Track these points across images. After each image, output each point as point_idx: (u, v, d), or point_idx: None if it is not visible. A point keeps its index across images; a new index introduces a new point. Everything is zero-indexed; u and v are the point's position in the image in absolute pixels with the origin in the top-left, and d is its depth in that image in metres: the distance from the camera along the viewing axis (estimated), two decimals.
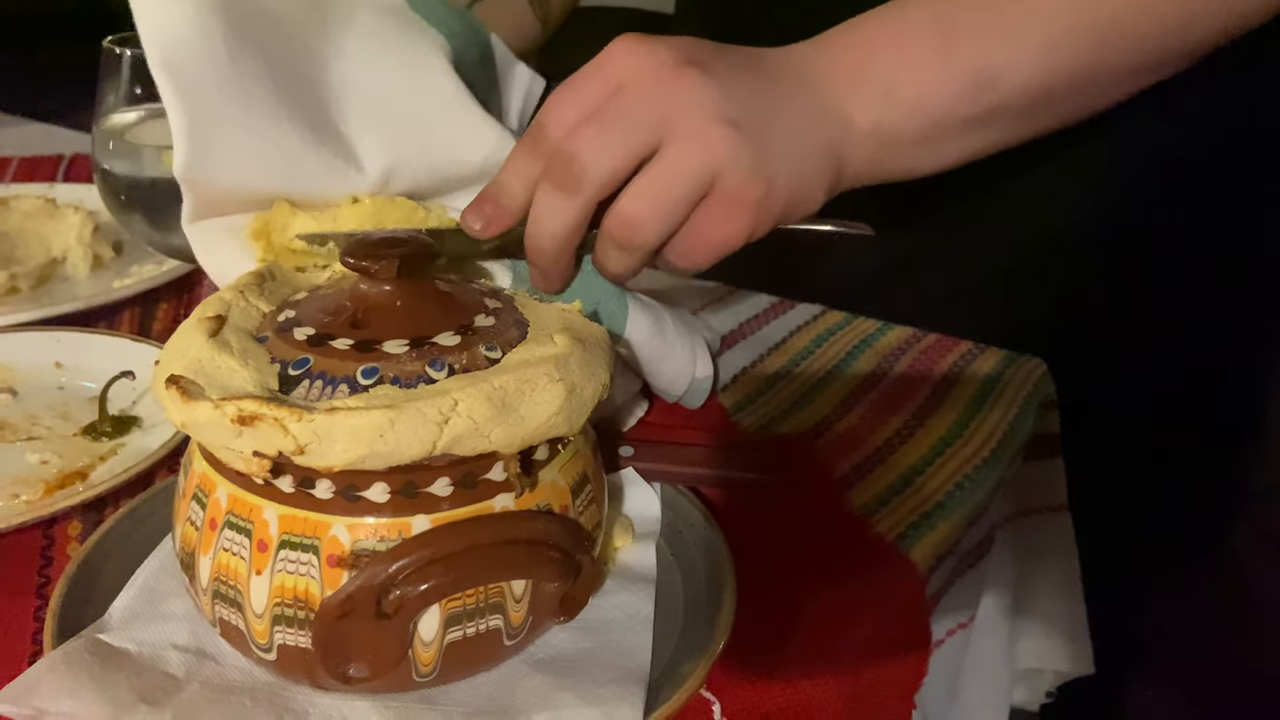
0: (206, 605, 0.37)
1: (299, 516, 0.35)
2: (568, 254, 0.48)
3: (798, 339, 0.70)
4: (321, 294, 0.40)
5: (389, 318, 0.38)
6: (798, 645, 0.44)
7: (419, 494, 0.35)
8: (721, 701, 0.41)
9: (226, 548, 0.36)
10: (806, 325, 0.73)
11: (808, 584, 0.47)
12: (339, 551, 0.35)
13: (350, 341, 0.37)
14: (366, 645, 0.35)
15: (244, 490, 0.36)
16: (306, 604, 0.35)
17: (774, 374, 0.66)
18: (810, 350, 0.69)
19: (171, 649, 0.39)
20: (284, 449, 0.33)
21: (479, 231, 0.47)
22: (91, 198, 0.81)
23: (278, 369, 0.36)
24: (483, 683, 0.39)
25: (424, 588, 0.34)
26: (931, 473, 0.56)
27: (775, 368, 0.66)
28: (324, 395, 0.35)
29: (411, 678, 0.36)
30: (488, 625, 0.37)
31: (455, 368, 0.36)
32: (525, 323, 0.40)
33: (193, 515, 0.37)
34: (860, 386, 0.64)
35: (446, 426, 0.34)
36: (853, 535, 0.50)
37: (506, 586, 0.37)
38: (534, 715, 0.37)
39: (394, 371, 0.36)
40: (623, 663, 0.39)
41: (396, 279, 0.38)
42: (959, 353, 0.69)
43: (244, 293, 0.40)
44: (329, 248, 0.46)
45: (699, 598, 0.43)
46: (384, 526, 0.35)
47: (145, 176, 0.58)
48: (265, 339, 0.38)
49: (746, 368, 0.66)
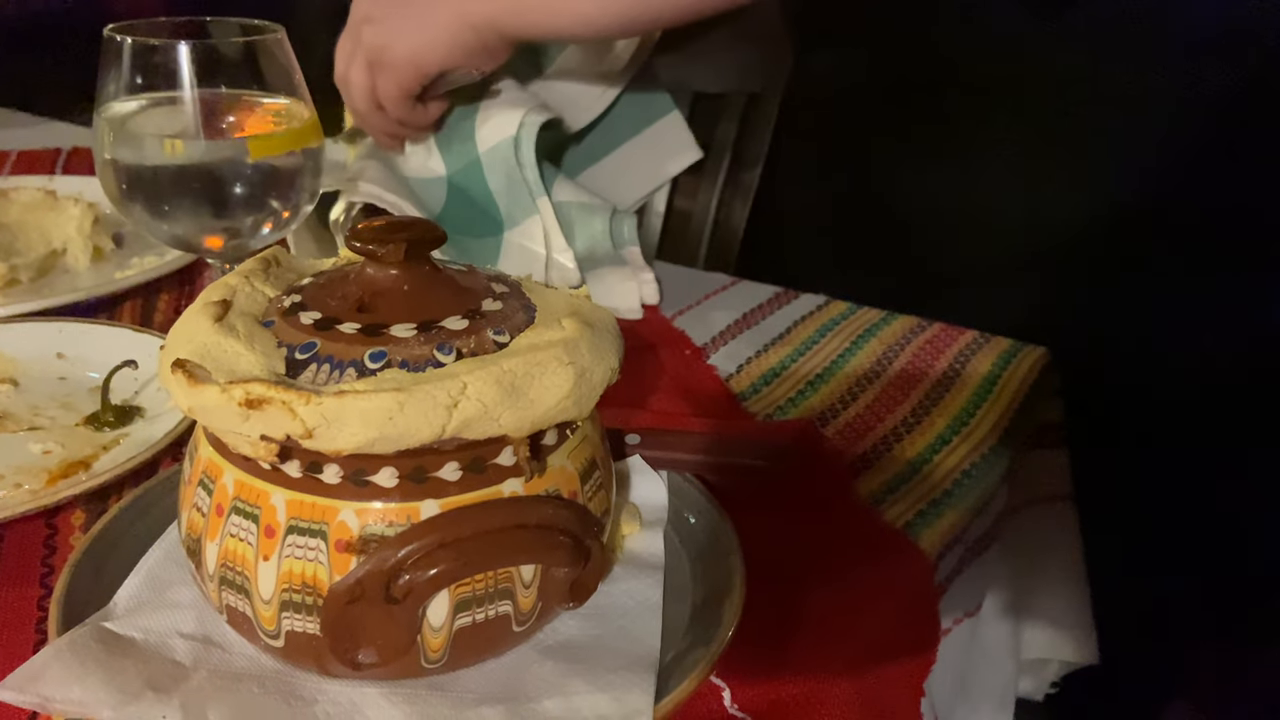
0: (213, 592, 0.37)
1: (307, 501, 0.35)
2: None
3: (802, 329, 0.70)
4: (328, 278, 0.40)
5: (396, 302, 0.38)
6: (807, 632, 0.44)
7: (428, 479, 0.35)
8: (731, 688, 0.41)
9: (233, 534, 0.36)
10: (810, 315, 0.72)
11: (816, 571, 0.47)
12: (347, 537, 0.35)
13: (357, 325, 0.36)
14: (375, 631, 0.35)
15: (251, 475, 0.36)
16: (315, 590, 0.35)
17: (779, 364, 0.65)
18: (814, 340, 0.69)
19: (178, 637, 0.39)
20: (292, 432, 0.33)
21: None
22: (91, 189, 0.81)
23: (284, 353, 0.36)
24: (492, 669, 0.38)
25: (433, 573, 0.34)
26: (938, 461, 0.56)
27: (780, 357, 0.66)
28: (331, 379, 0.35)
29: (420, 664, 0.36)
30: (497, 611, 0.36)
31: (463, 352, 0.36)
32: (533, 307, 0.40)
33: (199, 501, 0.37)
34: (865, 375, 0.64)
35: (456, 410, 0.33)
36: (861, 523, 0.50)
37: (516, 572, 0.36)
38: (544, 701, 0.37)
39: (402, 355, 0.35)
40: (632, 649, 0.39)
41: (403, 262, 0.38)
42: (964, 342, 0.69)
43: (249, 278, 0.40)
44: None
45: (708, 585, 0.43)
46: (393, 511, 0.35)
47: (147, 165, 0.58)
48: (271, 323, 0.37)
49: (751, 357, 0.66)
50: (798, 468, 0.52)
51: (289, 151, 0.60)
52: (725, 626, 0.40)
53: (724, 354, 0.66)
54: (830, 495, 0.51)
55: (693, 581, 0.44)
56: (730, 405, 0.60)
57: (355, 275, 0.39)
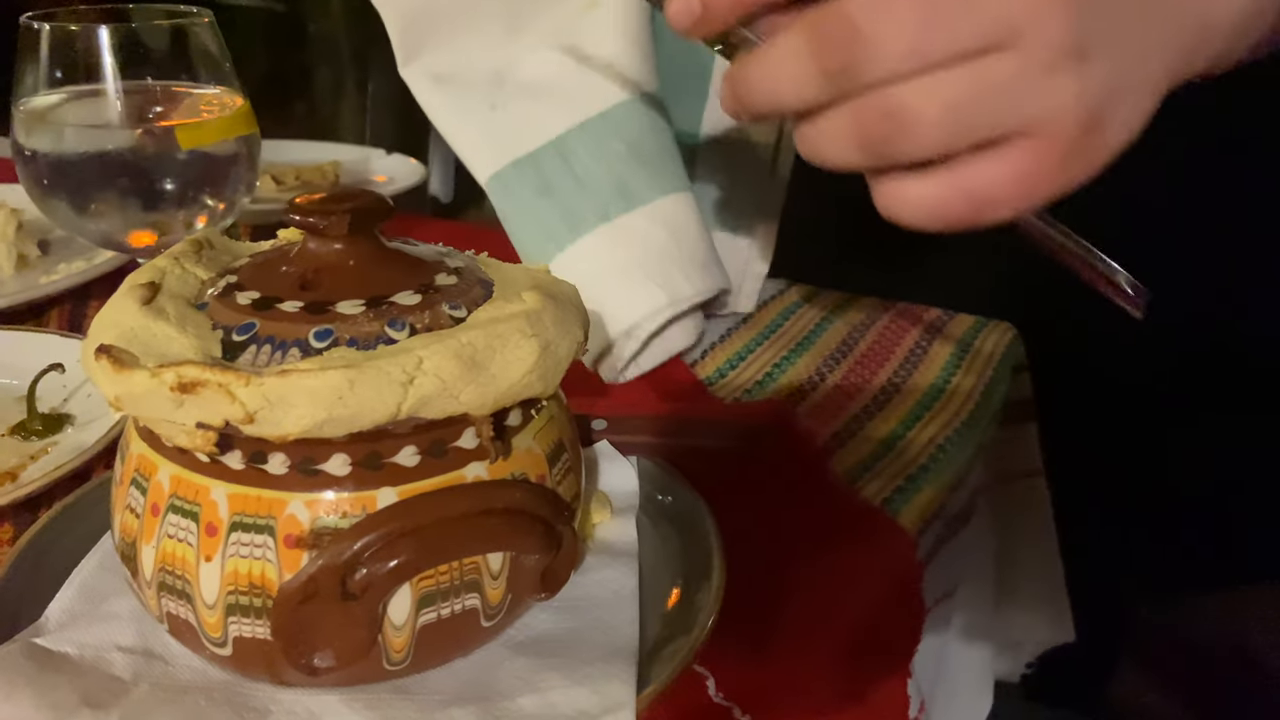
0: (152, 599, 0.34)
1: (251, 495, 0.32)
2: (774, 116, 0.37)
3: (765, 313, 0.68)
4: (265, 258, 0.37)
5: (342, 278, 0.35)
6: (790, 615, 0.42)
7: (384, 465, 0.32)
8: (715, 676, 0.38)
9: (171, 534, 0.33)
10: (773, 299, 0.71)
11: (796, 553, 0.45)
12: (297, 531, 0.32)
13: (300, 304, 0.34)
14: (333, 631, 0.32)
15: (188, 470, 0.33)
16: (263, 590, 0.32)
17: (744, 347, 0.63)
18: (779, 323, 0.67)
19: (116, 650, 0.36)
20: (231, 418, 0.30)
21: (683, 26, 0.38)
22: (15, 197, 0.77)
23: (220, 335, 0.33)
24: (460, 669, 0.36)
25: (393, 564, 0.31)
26: (912, 437, 0.54)
27: (745, 341, 0.64)
28: (273, 361, 0.32)
29: (382, 666, 0.33)
30: (464, 605, 0.34)
31: (417, 327, 0.33)
32: (490, 282, 0.37)
33: (132, 502, 0.34)
34: (833, 355, 0.63)
35: (412, 386, 0.31)
36: (839, 502, 0.48)
37: (483, 562, 0.34)
38: (519, 699, 0.34)
39: (350, 333, 0.33)
40: (609, 640, 0.37)
41: (348, 236, 0.35)
42: (928, 320, 0.68)
43: (179, 259, 0.37)
44: None
45: (685, 571, 0.41)
46: (346, 501, 0.32)
47: (69, 158, 0.55)
48: (205, 306, 0.35)
49: (716, 342, 0.64)
50: (772, 448, 0.50)
51: (221, 140, 0.57)
52: (706, 612, 0.37)
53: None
54: (806, 475, 0.49)
55: (668, 568, 0.42)
56: (696, 390, 0.58)
57: (296, 252, 0.36)
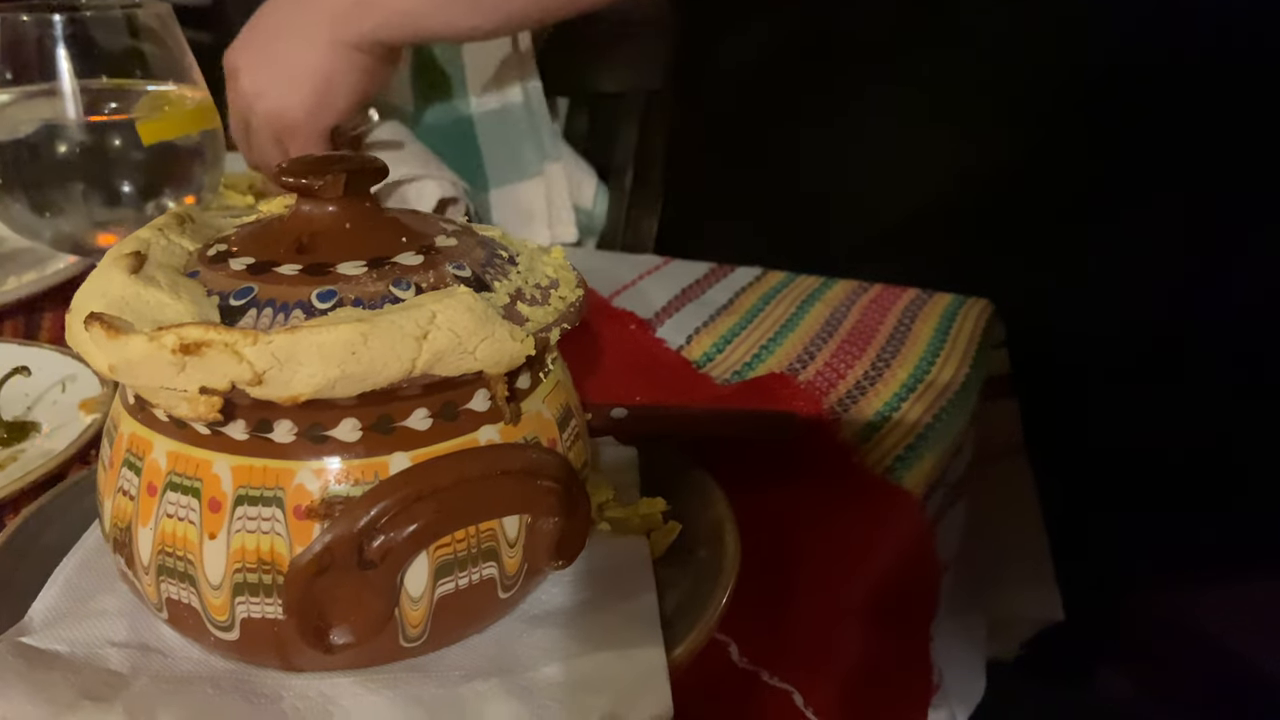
0: (150, 587, 0.32)
1: (256, 466, 0.30)
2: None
3: (745, 299, 0.68)
4: (255, 226, 0.36)
5: (339, 240, 0.33)
6: (806, 581, 0.41)
7: (394, 429, 0.31)
8: (737, 643, 0.37)
9: (171, 514, 0.31)
10: (750, 286, 0.70)
11: (807, 520, 0.44)
12: (307, 501, 0.30)
13: (298, 266, 0.32)
14: (350, 604, 0.30)
15: (187, 444, 0.31)
16: (273, 566, 0.30)
17: (729, 331, 0.63)
18: (759, 308, 0.66)
19: (109, 646, 0.33)
20: (238, 379, 0.28)
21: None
22: None
23: (216, 301, 0.31)
24: (477, 644, 0.34)
25: (412, 529, 0.30)
26: (906, 409, 0.54)
27: (729, 325, 0.63)
28: (276, 324, 0.31)
29: (398, 643, 0.32)
30: (481, 575, 0.32)
31: (423, 287, 0.32)
32: (491, 240, 0.36)
33: (124, 485, 0.32)
34: (818, 336, 0.62)
35: (426, 341, 0.29)
36: (847, 468, 0.47)
37: (500, 529, 0.32)
38: (542, 669, 0.33)
39: (354, 293, 0.31)
40: (630, 607, 0.35)
41: (343, 198, 0.34)
42: (907, 299, 0.68)
43: (163, 230, 0.35)
44: None
45: (698, 541, 0.40)
46: (357, 468, 0.30)
47: (25, 156, 0.52)
48: (196, 274, 0.33)
49: (700, 328, 0.63)
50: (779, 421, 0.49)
51: (184, 135, 0.56)
52: (726, 574, 0.36)
53: (670, 327, 0.63)
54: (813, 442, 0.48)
55: (682, 543, 0.40)
56: (687, 372, 0.57)
57: (290, 217, 0.35)
